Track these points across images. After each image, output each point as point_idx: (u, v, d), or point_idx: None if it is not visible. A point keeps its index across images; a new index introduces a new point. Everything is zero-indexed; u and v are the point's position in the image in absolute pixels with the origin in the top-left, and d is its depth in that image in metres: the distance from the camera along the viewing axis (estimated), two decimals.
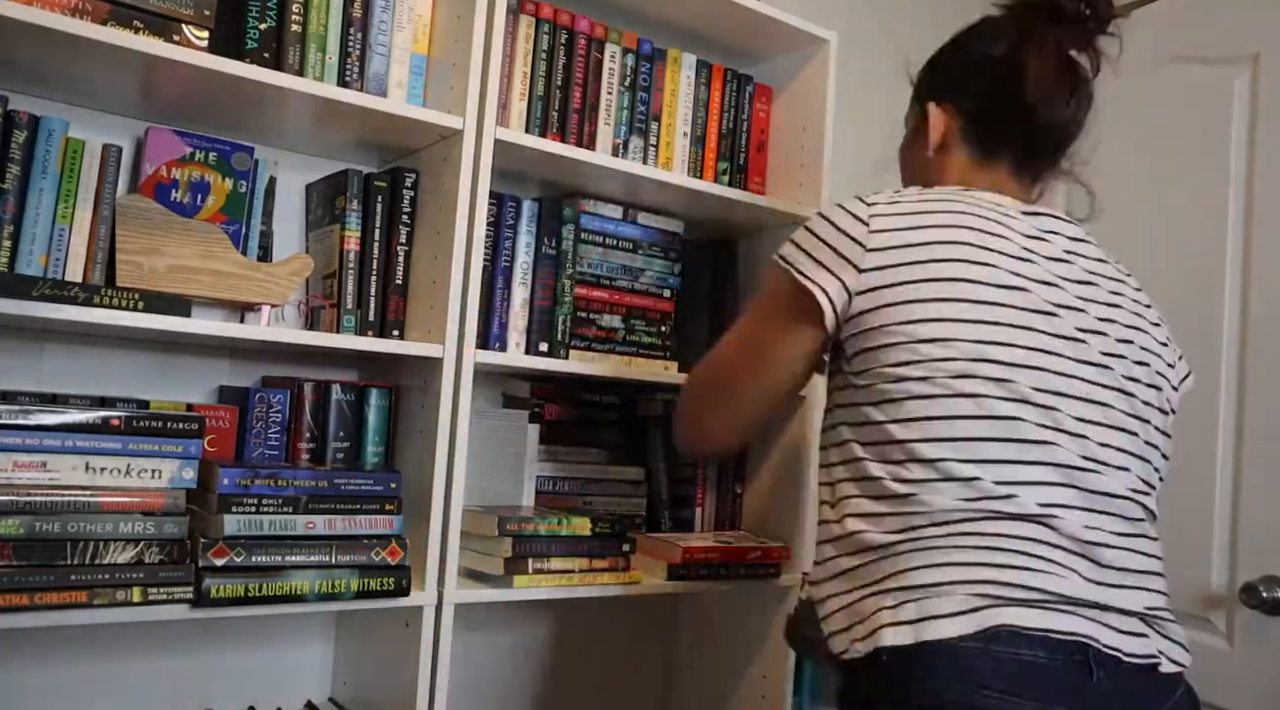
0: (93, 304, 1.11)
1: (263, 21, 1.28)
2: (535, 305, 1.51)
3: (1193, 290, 1.71)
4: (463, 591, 1.31)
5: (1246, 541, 1.58)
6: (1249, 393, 1.61)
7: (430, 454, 1.31)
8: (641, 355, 1.62)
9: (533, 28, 1.50)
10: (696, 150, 1.67)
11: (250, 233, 1.36)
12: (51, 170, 1.21)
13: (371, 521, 1.24)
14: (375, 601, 1.23)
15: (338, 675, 1.52)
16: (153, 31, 1.17)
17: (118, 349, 1.37)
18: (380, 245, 1.38)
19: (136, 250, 1.20)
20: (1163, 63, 1.84)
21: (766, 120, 1.76)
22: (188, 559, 1.13)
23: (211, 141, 1.33)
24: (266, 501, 1.17)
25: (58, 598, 1.04)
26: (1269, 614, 1.51)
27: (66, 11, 1.12)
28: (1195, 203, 1.74)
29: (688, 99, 1.66)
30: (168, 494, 1.14)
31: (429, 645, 1.29)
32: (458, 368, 1.32)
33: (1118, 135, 1.92)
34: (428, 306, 1.36)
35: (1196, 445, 1.66)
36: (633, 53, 1.60)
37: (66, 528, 1.07)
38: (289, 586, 1.17)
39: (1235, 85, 1.71)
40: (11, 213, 1.18)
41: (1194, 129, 1.76)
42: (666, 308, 1.66)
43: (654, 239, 1.65)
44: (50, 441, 1.08)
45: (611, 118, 1.57)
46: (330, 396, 1.37)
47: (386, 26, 1.37)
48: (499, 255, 1.47)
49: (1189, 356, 1.70)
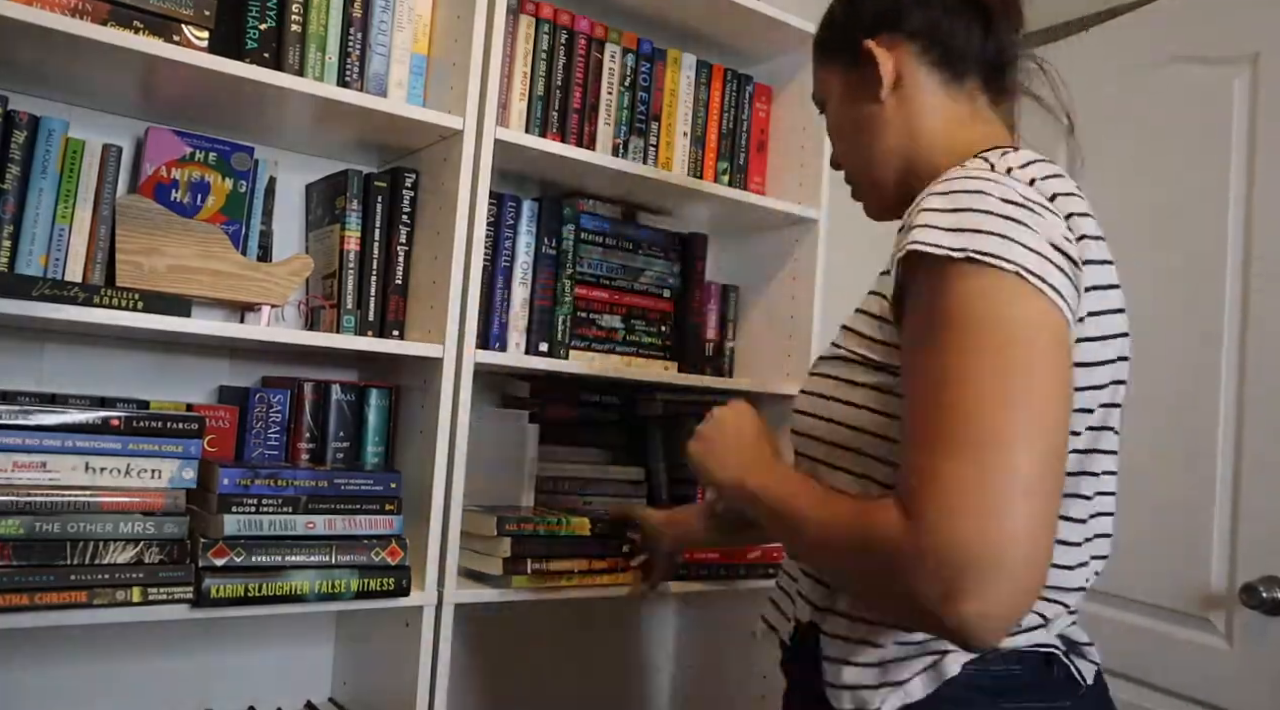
0: (93, 304, 1.11)
1: (263, 21, 1.28)
2: (535, 305, 1.51)
3: (1193, 290, 1.71)
4: (462, 591, 1.31)
5: (1246, 541, 1.58)
6: (1249, 392, 1.61)
7: (430, 454, 1.31)
8: (641, 355, 1.62)
9: (533, 28, 1.50)
10: (696, 150, 1.67)
11: (250, 233, 1.36)
12: (51, 170, 1.21)
13: (371, 521, 1.24)
14: (375, 601, 1.23)
15: (338, 675, 1.52)
16: (153, 31, 1.17)
17: (118, 349, 1.37)
18: (380, 245, 1.38)
19: (136, 250, 1.20)
20: (1163, 63, 1.84)
21: (766, 120, 1.76)
22: (188, 559, 1.13)
23: (211, 141, 1.33)
24: (266, 501, 1.17)
25: (58, 598, 1.05)
26: (1269, 614, 1.51)
27: (66, 11, 1.12)
28: (1195, 203, 1.74)
29: (688, 99, 1.66)
30: (168, 494, 1.14)
31: (429, 645, 1.29)
32: (458, 368, 1.32)
33: (1118, 135, 1.91)
34: (428, 306, 1.36)
35: (1196, 445, 1.66)
36: (633, 53, 1.60)
37: (66, 528, 1.07)
38: (289, 586, 1.17)
39: (1235, 85, 1.71)
40: (11, 213, 1.18)
41: (1194, 129, 1.76)
42: (666, 308, 1.66)
43: (654, 239, 1.65)
44: (50, 441, 1.08)
45: (611, 118, 1.57)
46: (330, 396, 1.37)
47: (386, 26, 1.37)
48: (499, 255, 1.47)
49: (1189, 356, 1.70)
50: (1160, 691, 1.64)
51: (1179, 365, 1.72)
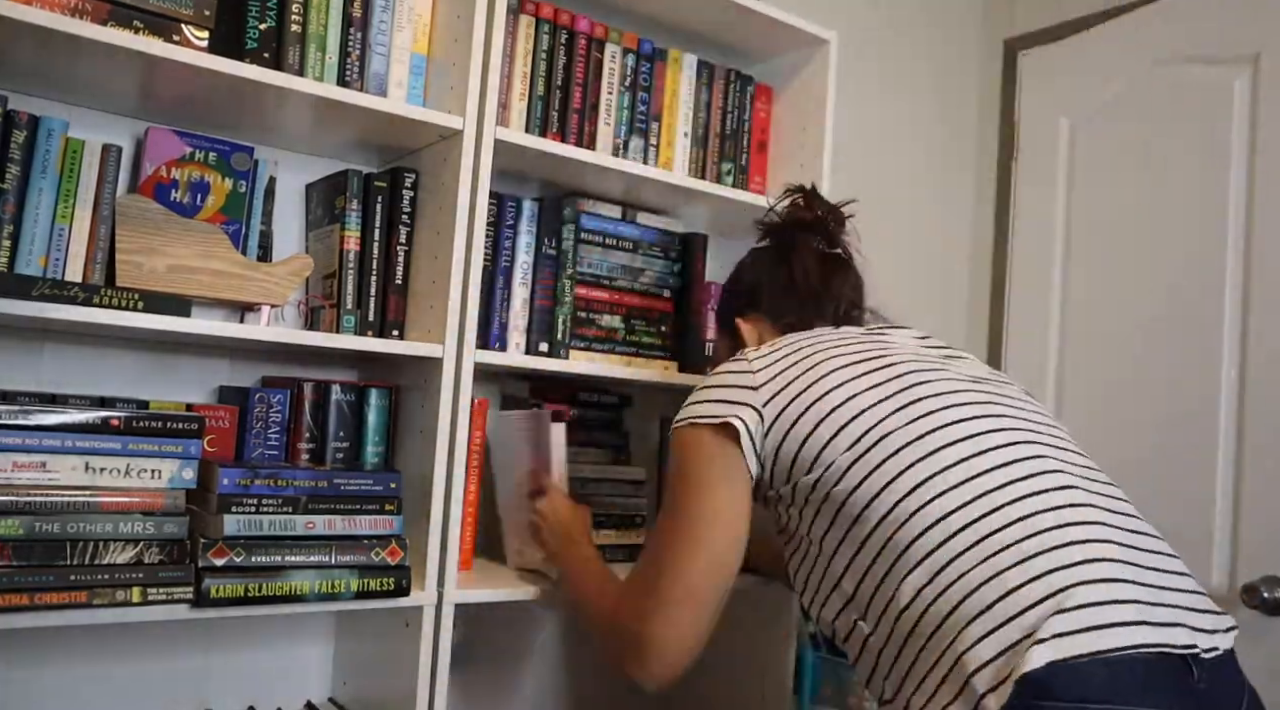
0: (93, 304, 1.11)
1: (263, 21, 1.28)
2: (535, 305, 1.51)
3: (1193, 290, 1.71)
4: (463, 591, 1.31)
5: (1246, 541, 1.58)
6: (1249, 393, 1.61)
7: (430, 454, 1.31)
8: (641, 355, 1.62)
9: (533, 28, 1.50)
10: (697, 150, 1.67)
11: (250, 233, 1.36)
12: (51, 170, 1.21)
13: (371, 521, 1.24)
14: (375, 601, 1.23)
15: (338, 675, 1.52)
16: (153, 31, 1.17)
17: (118, 349, 1.37)
18: (380, 245, 1.38)
19: (136, 250, 1.20)
20: (1163, 63, 1.84)
21: (766, 120, 1.76)
22: (187, 559, 1.12)
23: (211, 141, 1.33)
24: (266, 501, 1.17)
25: (58, 598, 1.04)
26: (1269, 614, 1.51)
27: (66, 11, 1.12)
28: (1195, 203, 1.74)
29: (688, 99, 1.66)
30: (167, 494, 1.14)
31: (429, 645, 1.29)
32: (458, 368, 1.32)
33: (1118, 135, 1.91)
34: (428, 306, 1.36)
35: (1197, 445, 1.66)
36: (633, 53, 1.60)
37: (66, 528, 1.07)
38: (289, 586, 1.17)
39: (1235, 85, 1.71)
40: (11, 213, 1.18)
41: (1194, 129, 1.76)
42: (666, 308, 1.66)
43: (654, 239, 1.65)
44: (50, 441, 1.08)
45: (611, 118, 1.57)
46: (330, 396, 1.37)
47: (386, 26, 1.37)
48: (499, 255, 1.47)
49: (1190, 355, 1.70)
50: None
51: (1179, 365, 1.72)
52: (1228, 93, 1.71)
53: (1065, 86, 2.04)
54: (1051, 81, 2.09)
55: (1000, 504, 0.97)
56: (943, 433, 1.01)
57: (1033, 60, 2.16)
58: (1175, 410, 1.70)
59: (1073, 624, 0.88)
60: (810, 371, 1.09)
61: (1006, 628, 0.90)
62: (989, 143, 2.30)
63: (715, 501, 1.09)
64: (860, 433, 1.03)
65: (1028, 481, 0.99)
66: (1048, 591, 0.91)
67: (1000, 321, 2.17)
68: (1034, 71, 2.15)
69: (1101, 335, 1.86)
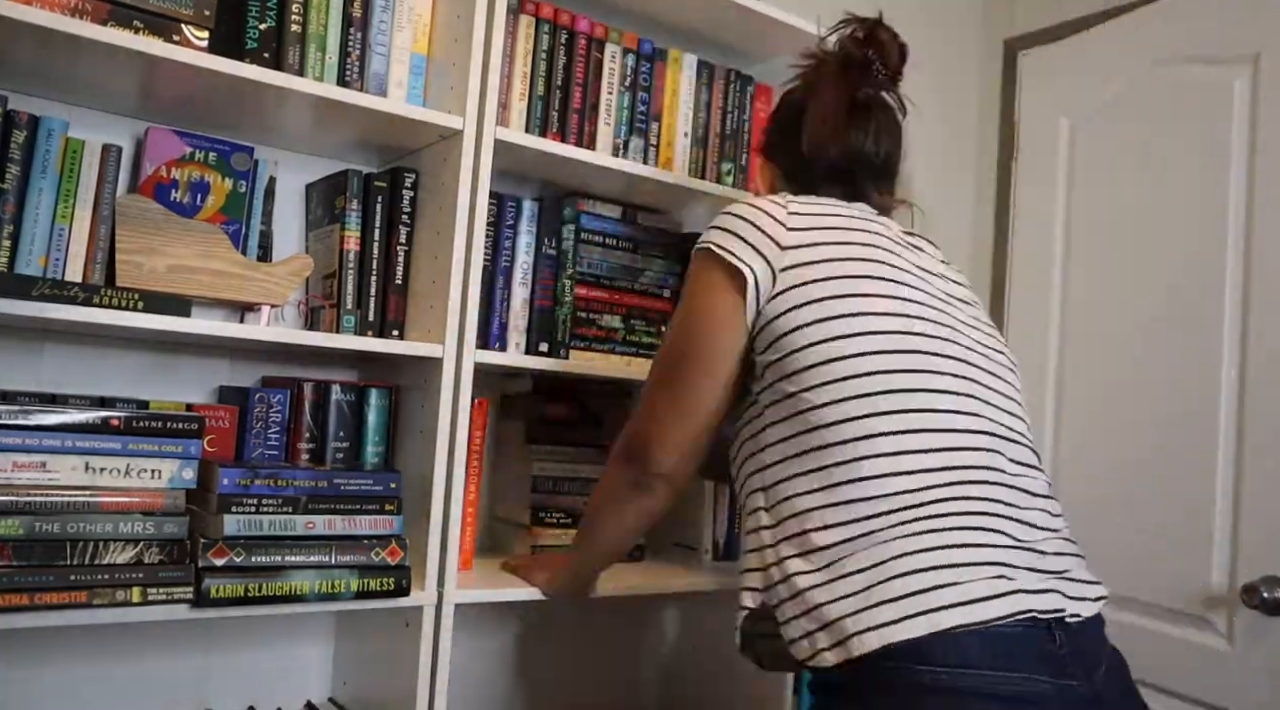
0: (93, 304, 1.11)
1: (263, 21, 1.28)
2: (535, 305, 1.51)
3: (1193, 290, 1.71)
4: (463, 591, 1.31)
5: (1246, 541, 1.58)
6: (1250, 393, 1.61)
7: (430, 454, 1.31)
8: (641, 355, 1.62)
9: (533, 28, 1.50)
10: (697, 150, 1.67)
11: (250, 233, 1.36)
12: (51, 170, 1.21)
13: (371, 521, 1.24)
14: (375, 601, 1.23)
15: (338, 675, 1.52)
16: (153, 31, 1.17)
17: (118, 349, 1.37)
18: (380, 245, 1.38)
19: (136, 250, 1.20)
20: (1163, 63, 1.84)
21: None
22: (187, 559, 1.13)
23: (211, 141, 1.33)
24: (266, 501, 1.17)
25: (58, 598, 1.04)
26: (1269, 614, 1.51)
27: (66, 11, 1.12)
28: (1195, 202, 1.74)
29: (688, 99, 1.66)
30: (167, 494, 1.14)
31: (429, 645, 1.29)
32: (458, 368, 1.32)
33: (1118, 135, 1.91)
34: (428, 306, 1.36)
35: (1197, 445, 1.66)
36: (633, 53, 1.60)
37: (66, 528, 1.07)
38: (289, 586, 1.17)
39: (1235, 85, 1.71)
40: (11, 213, 1.18)
41: (1194, 129, 1.76)
42: (666, 308, 1.66)
43: (654, 239, 1.65)
44: (50, 441, 1.08)
45: (611, 118, 1.57)
46: (330, 396, 1.37)
47: (386, 26, 1.37)
48: (499, 255, 1.47)
49: (1190, 355, 1.70)
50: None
51: (1179, 365, 1.72)
52: (1228, 93, 1.71)
53: (1065, 86, 2.04)
54: (1051, 81, 2.09)
55: (924, 468, 1.01)
56: (919, 417, 1.02)
57: (1033, 60, 2.17)
58: (1175, 410, 1.70)
59: (953, 598, 0.93)
60: (840, 264, 1.06)
61: (888, 584, 0.95)
62: (989, 143, 2.30)
63: (710, 340, 1.11)
64: (846, 373, 1.02)
65: (960, 471, 1.02)
66: (932, 564, 0.95)
67: (1000, 321, 2.17)
68: (1034, 71, 2.15)
69: (1101, 335, 1.87)
